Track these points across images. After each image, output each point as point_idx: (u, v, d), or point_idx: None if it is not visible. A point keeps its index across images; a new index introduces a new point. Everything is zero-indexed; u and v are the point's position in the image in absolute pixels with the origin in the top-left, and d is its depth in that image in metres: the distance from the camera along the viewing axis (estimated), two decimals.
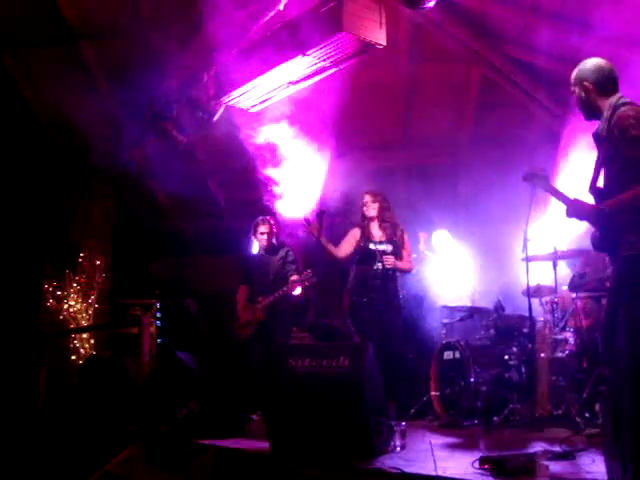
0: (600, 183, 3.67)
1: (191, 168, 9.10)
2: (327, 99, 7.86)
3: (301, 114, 7.17)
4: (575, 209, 3.63)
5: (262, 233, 6.67)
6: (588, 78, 3.69)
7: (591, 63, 3.73)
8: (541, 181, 4.06)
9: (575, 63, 3.82)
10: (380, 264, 5.93)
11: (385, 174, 9.46)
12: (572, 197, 3.69)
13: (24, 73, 7.79)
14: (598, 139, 3.70)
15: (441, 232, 7.63)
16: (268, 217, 6.78)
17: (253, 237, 6.82)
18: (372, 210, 6.11)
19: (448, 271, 7.38)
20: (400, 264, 6.04)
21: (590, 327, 5.72)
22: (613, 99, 3.63)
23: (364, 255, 6.02)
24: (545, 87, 7.47)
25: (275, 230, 6.76)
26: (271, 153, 7.28)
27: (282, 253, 6.69)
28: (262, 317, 6.44)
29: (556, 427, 4.90)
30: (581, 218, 3.63)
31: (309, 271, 6.47)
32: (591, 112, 3.73)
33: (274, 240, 6.76)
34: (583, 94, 3.72)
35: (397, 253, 6.03)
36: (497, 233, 7.43)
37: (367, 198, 6.17)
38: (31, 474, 5.66)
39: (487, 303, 6.39)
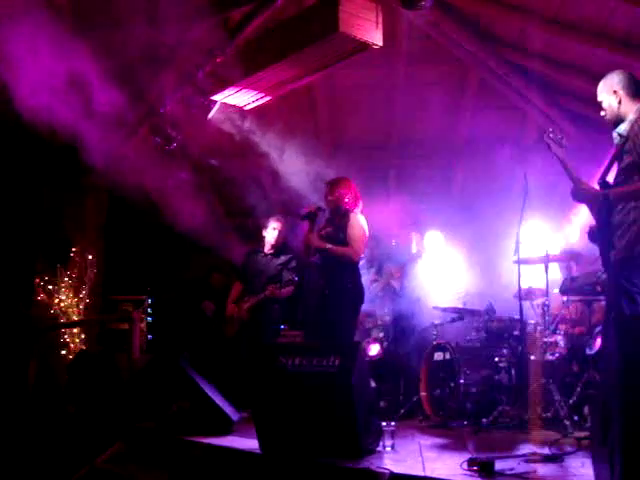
0: (610, 178, 3.76)
1: (184, 165, 9.08)
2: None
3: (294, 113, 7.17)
4: (581, 191, 3.75)
5: (274, 229, 6.57)
6: (619, 86, 3.78)
7: (619, 73, 3.83)
8: (557, 147, 4.08)
9: (569, 68, 3.86)
10: None
11: (378, 174, 9.47)
12: (581, 179, 3.79)
13: None
14: (618, 136, 3.78)
15: (434, 233, 7.63)
16: (282, 216, 6.73)
17: (264, 232, 6.71)
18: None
19: (440, 272, 7.38)
20: None
21: (581, 331, 5.74)
22: None
23: None
24: (539, 90, 7.49)
25: (285, 231, 6.66)
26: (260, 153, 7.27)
27: (284, 259, 6.58)
28: (245, 318, 6.42)
29: (545, 430, 4.91)
30: (584, 201, 3.76)
31: (290, 288, 6.43)
32: (619, 119, 3.80)
33: (282, 240, 6.67)
34: (615, 102, 3.79)
35: None
36: (490, 235, 7.43)
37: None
38: (19, 468, 5.64)
39: (478, 305, 6.40)
